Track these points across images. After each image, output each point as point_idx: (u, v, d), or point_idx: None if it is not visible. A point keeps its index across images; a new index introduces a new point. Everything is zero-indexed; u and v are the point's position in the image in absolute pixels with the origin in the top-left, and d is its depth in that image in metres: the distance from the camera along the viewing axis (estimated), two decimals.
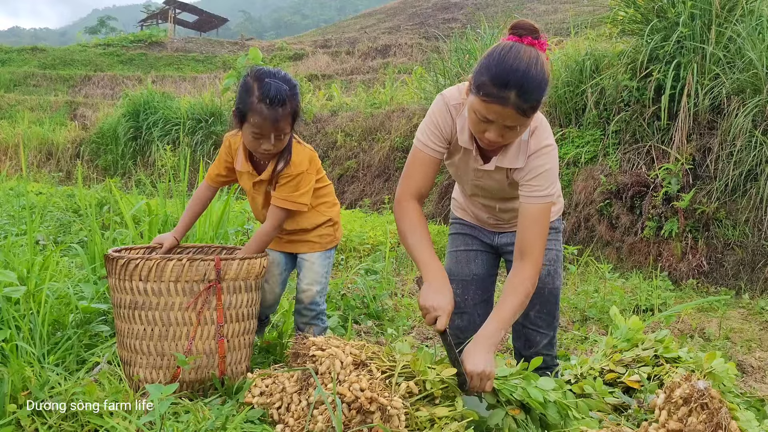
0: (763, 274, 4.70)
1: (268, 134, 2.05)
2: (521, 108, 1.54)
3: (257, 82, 2.04)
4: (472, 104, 1.62)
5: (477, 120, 1.63)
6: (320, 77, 18.42)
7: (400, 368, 1.68)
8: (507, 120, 1.57)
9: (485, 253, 2.10)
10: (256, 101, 2.01)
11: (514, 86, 1.52)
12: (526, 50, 1.56)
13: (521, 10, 24.82)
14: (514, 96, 1.53)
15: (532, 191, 1.76)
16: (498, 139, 1.62)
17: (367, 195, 9.02)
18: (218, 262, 1.94)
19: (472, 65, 7.45)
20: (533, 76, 1.53)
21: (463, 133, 1.78)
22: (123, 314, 1.95)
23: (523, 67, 1.52)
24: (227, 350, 1.99)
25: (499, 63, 1.55)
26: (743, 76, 5.13)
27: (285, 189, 2.19)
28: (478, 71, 1.59)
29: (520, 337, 2.08)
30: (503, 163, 1.79)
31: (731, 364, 2.22)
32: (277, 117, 2.02)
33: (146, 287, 1.90)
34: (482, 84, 1.56)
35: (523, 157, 1.77)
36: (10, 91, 20.77)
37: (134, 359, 1.94)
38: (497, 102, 1.54)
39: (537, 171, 1.75)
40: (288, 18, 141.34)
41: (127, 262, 1.90)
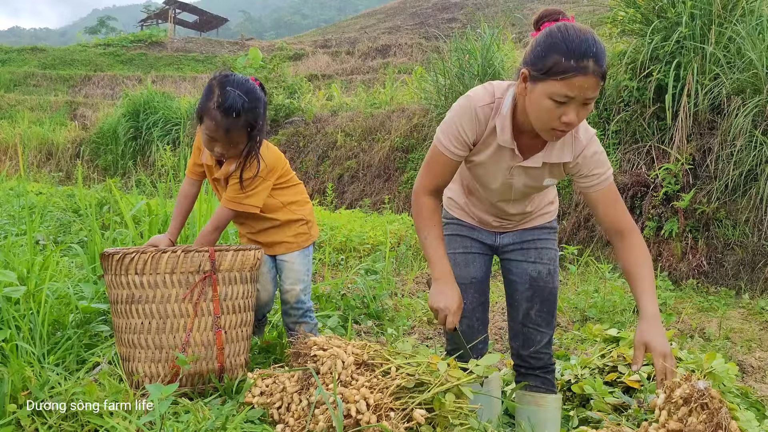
0: (763, 274, 4.70)
1: (219, 140, 2.09)
2: (600, 73, 1.56)
3: (219, 88, 2.07)
4: (545, 91, 1.58)
5: (552, 106, 1.59)
6: (320, 77, 18.41)
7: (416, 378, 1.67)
8: (588, 91, 1.56)
9: (483, 256, 2.10)
10: (212, 106, 2.05)
11: (590, 54, 1.53)
12: (575, 24, 1.59)
13: (521, 10, 24.82)
14: (592, 63, 1.53)
15: (600, 176, 1.78)
16: (576, 119, 1.60)
17: (367, 195, 9.02)
18: (212, 252, 1.96)
19: (472, 65, 7.46)
20: (598, 41, 1.56)
21: (503, 132, 1.75)
22: (120, 310, 1.96)
23: (589, 35, 1.56)
24: (225, 342, 1.99)
25: (566, 39, 1.55)
26: (743, 76, 5.13)
27: (232, 190, 2.23)
28: (539, 57, 1.58)
29: (518, 336, 2.07)
30: (551, 159, 1.78)
31: (731, 364, 2.22)
32: (229, 127, 2.05)
33: (142, 280, 1.91)
34: (555, 64, 1.55)
35: (570, 150, 1.77)
36: (10, 91, 20.77)
37: (133, 354, 1.95)
38: (579, 73, 1.53)
39: (595, 158, 1.77)
40: (288, 18, 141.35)
41: (123, 256, 1.91)
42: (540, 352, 2.03)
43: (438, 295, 1.78)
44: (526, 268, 2.04)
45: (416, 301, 3.89)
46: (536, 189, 1.93)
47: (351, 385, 1.62)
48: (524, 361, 2.06)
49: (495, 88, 1.79)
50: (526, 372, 2.07)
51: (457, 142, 1.79)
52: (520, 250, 2.06)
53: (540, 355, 2.03)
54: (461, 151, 1.81)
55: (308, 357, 1.77)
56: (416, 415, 1.54)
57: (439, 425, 1.59)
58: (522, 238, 2.06)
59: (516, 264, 2.06)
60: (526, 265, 2.04)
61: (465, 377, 1.64)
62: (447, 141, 1.80)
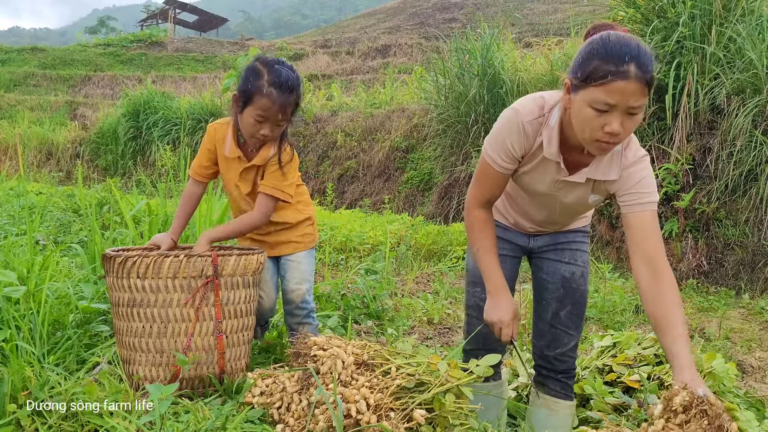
0: (763, 274, 4.70)
1: (272, 119, 2.08)
2: (644, 79, 1.48)
3: (267, 66, 2.07)
4: (586, 98, 1.53)
5: (594, 115, 1.53)
6: (320, 77, 18.42)
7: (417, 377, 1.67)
8: (631, 98, 1.49)
9: (514, 258, 2.06)
10: (266, 84, 2.04)
11: (631, 58, 1.47)
12: (622, 33, 1.55)
13: (521, 10, 24.83)
14: (634, 68, 1.47)
15: (641, 198, 1.69)
16: (620, 129, 1.52)
17: (367, 195, 9.02)
18: (215, 257, 1.95)
19: (472, 65, 7.46)
20: (644, 46, 1.50)
21: (550, 145, 1.70)
22: (121, 312, 1.95)
23: (632, 41, 1.50)
24: (226, 346, 1.99)
25: (606, 45, 1.51)
26: (743, 76, 5.13)
27: (273, 177, 2.21)
28: (581, 64, 1.54)
29: (545, 335, 2.01)
30: (596, 175, 1.71)
31: (731, 364, 2.22)
32: (285, 102, 2.06)
33: (144, 284, 1.90)
34: (594, 69, 1.50)
35: (617, 168, 1.70)
36: (10, 91, 20.77)
37: (133, 357, 1.94)
38: (619, 78, 1.47)
39: (641, 177, 1.69)
40: (288, 18, 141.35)
41: (125, 259, 1.90)
42: (566, 354, 1.98)
43: (492, 309, 1.80)
44: (559, 268, 2.00)
45: (416, 301, 3.89)
46: (582, 206, 1.88)
47: (351, 385, 1.62)
48: (548, 362, 2.00)
49: (545, 100, 1.74)
50: (547, 374, 2.02)
51: (504, 155, 1.75)
52: (554, 250, 2.02)
53: (565, 358, 1.98)
54: (509, 164, 1.77)
55: (308, 357, 1.77)
56: (416, 415, 1.54)
57: (439, 425, 1.59)
58: (556, 240, 2.02)
59: (549, 263, 2.02)
60: (559, 265, 2.00)
61: (465, 377, 1.64)
62: (495, 155, 1.76)
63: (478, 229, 1.84)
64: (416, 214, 7.55)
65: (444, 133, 7.85)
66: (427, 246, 5.62)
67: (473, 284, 2.02)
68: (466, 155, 7.30)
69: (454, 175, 7.43)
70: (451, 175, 7.50)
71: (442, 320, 3.64)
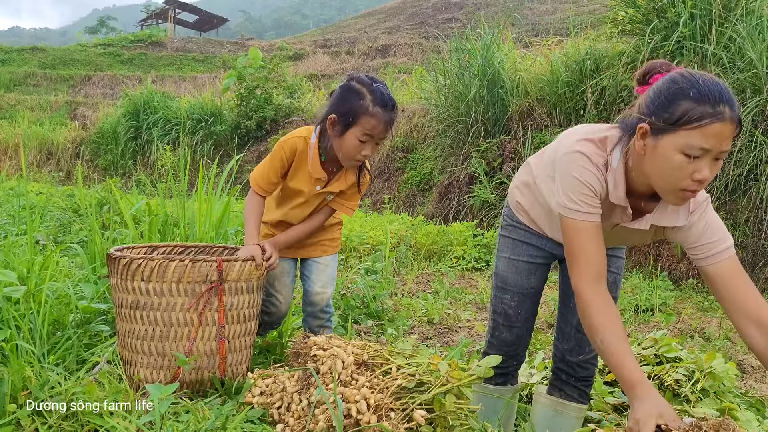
0: (763, 274, 4.70)
1: (377, 137, 2.09)
2: (737, 120, 1.38)
3: (366, 86, 2.07)
4: (675, 144, 1.39)
5: (685, 162, 1.39)
6: (320, 77, 18.41)
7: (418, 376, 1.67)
8: (725, 141, 1.38)
9: (545, 266, 1.97)
10: (371, 105, 2.04)
11: (723, 99, 1.37)
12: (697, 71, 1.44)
13: (521, 10, 24.83)
14: (728, 109, 1.36)
15: (716, 247, 1.56)
16: (708, 176, 1.39)
17: (367, 195, 9.02)
18: (220, 263, 1.94)
19: (472, 65, 7.45)
20: (726, 87, 1.41)
21: (617, 189, 1.55)
22: (124, 314, 1.95)
23: (718, 81, 1.40)
24: (228, 351, 1.99)
25: (695, 83, 1.39)
26: (743, 76, 5.13)
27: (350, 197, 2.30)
28: (663, 106, 1.42)
29: (569, 340, 1.93)
30: (661, 222, 1.59)
31: (731, 364, 2.22)
32: (391, 119, 2.08)
33: (148, 287, 1.90)
34: (685, 112, 1.38)
35: (684, 214, 1.57)
36: (10, 91, 20.79)
37: (135, 359, 1.95)
38: (716, 120, 1.35)
39: (714, 224, 1.58)
40: (288, 18, 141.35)
41: (130, 261, 1.90)
42: (588, 362, 1.93)
43: (650, 411, 1.32)
44: None
45: (416, 301, 3.89)
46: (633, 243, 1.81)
47: (351, 385, 1.62)
48: (569, 367, 1.93)
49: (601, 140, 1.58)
50: (566, 379, 1.95)
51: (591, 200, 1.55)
52: None
53: (587, 365, 1.92)
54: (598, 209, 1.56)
55: (308, 357, 1.77)
56: (416, 415, 1.54)
57: (440, 426, 1.59)
58: None
59: None
60: None
61: (466, 378, 1.64)
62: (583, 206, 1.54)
63: (604, 318, 1.48)
64: (416, 214, 7.55)
65: (444, 133, 7.85)
66: (427, 246, 5.62)
67: (502, 290, 1.95)
68: (466, 155, 7.30)
69: (454, 175, 7.43)
70: (451, 175, 7.50)
71: (442, 320, 3.64)
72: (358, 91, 2.07)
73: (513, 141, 6.93)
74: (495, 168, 6.87)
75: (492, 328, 2.01)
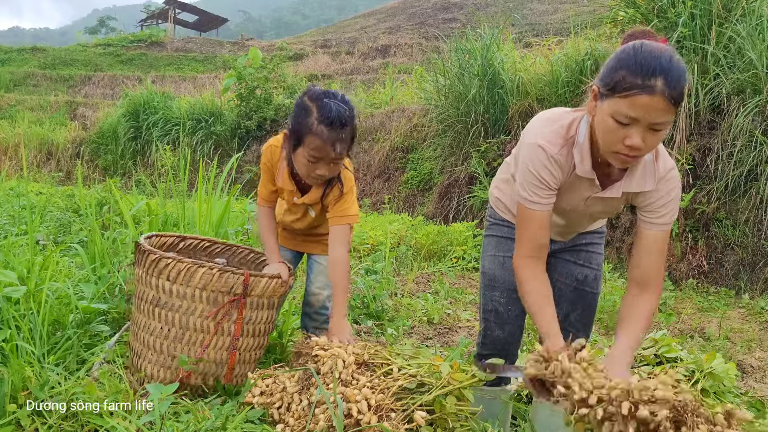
0: (763, 274, 4.70)
1: (326, 158, 1.95)
2: (671, 96, 1.40)
3: (315, 101, 1.93)
4: (608, 109, 1.47)
5: (615, 127, 1.47)
6: (320, 77, 18.41)
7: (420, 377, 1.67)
8: (654, 114, 1.42)
9: None
10: (315, 123, 1.90)
11: (660, 71, 1.40)
12: (657, 44, 1.47)
13: (521, 10, 24.82)
14: (661, 83, 1.40)
15: (658, 218, 1.66)
16: (641, 144, 1.46)
17: (367, 195, 9.02)
18: (247, 277, 1.93)
19: (472, 65, 7.45)
20: (675, 61, 1.42)
21: (583, 163, 1.63)
22: (143, 307, 1.96)
23: (664, 54, 1.43)
24: (237, 362, 1.99)
25: (637, 54, 1.44)
26: (743, 76, 5.13)
27: (337, 207, 2.12)
28: (609, 73, 1.48)
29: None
30: (630, 188, 1.65)
31: (731, 364, 2.22)
32: (337, 139, 1.92)
33: (172, 288, 1.90)
34: (620, 81, 1.44)
35: (652, 179, 1.64)
36: (10, 91, 20.78)
37: (144, 353, 1.95)
38: (644, 92, 1.40)
39: (668, 197, 1.65)
40: (288, 18, 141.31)
41: (159, 258, 1.90)
42: None
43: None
44: (573, 270, 1.98)
45: (416, 302, 3.89)
46: (610, 214, 1.84)
47: (352, 384, 1.62)
48: None
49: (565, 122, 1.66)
50: None
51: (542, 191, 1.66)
52: (570, 251, 1.99)
53: None
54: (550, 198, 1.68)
55: (309, 357, 1.77)
56: (417, 416, 1.54)
57: (440, 427, 1.59)
58: (573, 242, 1.99)
59: (563, 264, 1.99)
60: (573, 267, 1.98)
61: (467, 380, 1.64)
62: (534, 196, 1.66)
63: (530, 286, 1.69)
64: (416, 214, 7.55)
65: (444, 133, 7.85)
66: (427, 246, 5.62)
67: (491, 288, 1.98)
68: (466, 155, 7.30)
69: (454, 175, 7.42)
70: (451, 175, 7.50)
71: (442, 320, 3.64)
72: (306, 107, 1.93)
73: (513, 141, 6.93)
74: (495, 168, 6.88)
75: (484, 328, 2.02)
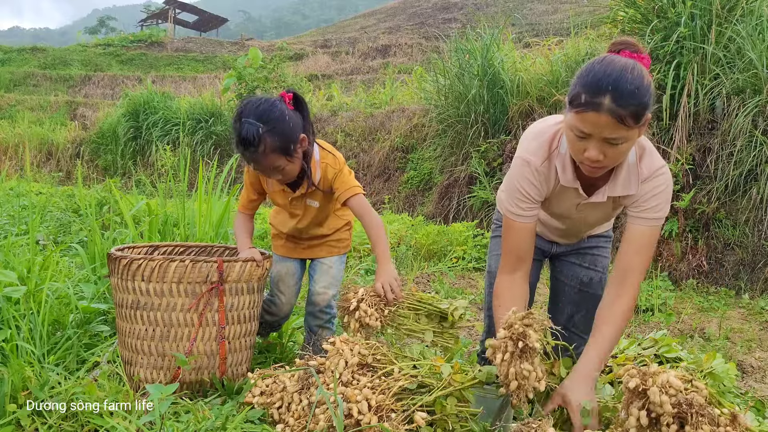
0: (763, 274, 4.70)
1: (265, 171, 2.05)
2: (617, 114, 1.42)
3: (236, 122, 1.99)
4: (568, 122, 1.53)
5: (574, 139, 1.52)
6: (320, 77, 18.41)
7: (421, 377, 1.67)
8: (604, 130, 1.45)
9: (536, 262, 2.01)
10: (236, 146, 2.00)
11: (606, 90, 1.42)
12: (620, 59, 1.48)
13: (521, 10, 24.82)
14: (608, 101, 1.42)
15: (643, 211, 1.67)
16: (599, 156, 1.49)
17: (367, 195, 9.02)
18: (221, 264, 1.94)
19: (472, 65, 7.46)
20: (627, 79, 1.43)
21: (565, 172, 1.67)
22: (125, 314, 1.95)
23: (616, 72, 1.44)
24: (228, 352, 1.99)
25: (591, 71, 1.47)
26: (743, 76, 5.13)
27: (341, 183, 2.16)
28: (571, 87, 1.52)
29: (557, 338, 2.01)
30: (615, 192, 1.68)
31: (731, 365, 2.22)
32: (251, 159, 1.99)
33: (149, 287, 1.90)
34: (575, 96, 1.48)
35: (635, 182, 1.66)
36: (10, 91, 20.78)
37: (135, 359, 1.94)
38: (591, 109, 1.44)
39: (653, 192, 1.66)
40: (288, 18, 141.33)
41: (130, 262, 1.90)
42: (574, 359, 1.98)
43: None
44: (578, 272, 1.98)
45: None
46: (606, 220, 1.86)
47: (352, 384, 1.62)
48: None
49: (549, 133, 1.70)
50: None
51: (525, 204, 1.71)
52: (576, 254, 2.00)
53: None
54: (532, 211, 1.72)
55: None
56: (417, 417, 1.54)
57: (440, 428, 1.59)
58: (579, 244, 2.00)
59: (569, 266, 2.00)
60: (579, 269, 1.98)
61: (469, 381, 1.64)
62: (514, 206, 1.70)
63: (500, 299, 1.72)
64: (416, 214, 7.55)
65: (444, 133, 7.85)
66: (427, 246, 5.62)
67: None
68: (466, 155, 7.30)
69: (454, 175, 7.42)
70: (451, 175, 7.50)
71: None
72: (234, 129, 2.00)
73: (513, 141, 6.92)
74: (495, 168, 6.88)
75: (487, 326, 2.03)
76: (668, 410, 1.27)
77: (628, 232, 1.69)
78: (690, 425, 1.27)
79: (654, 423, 1.32)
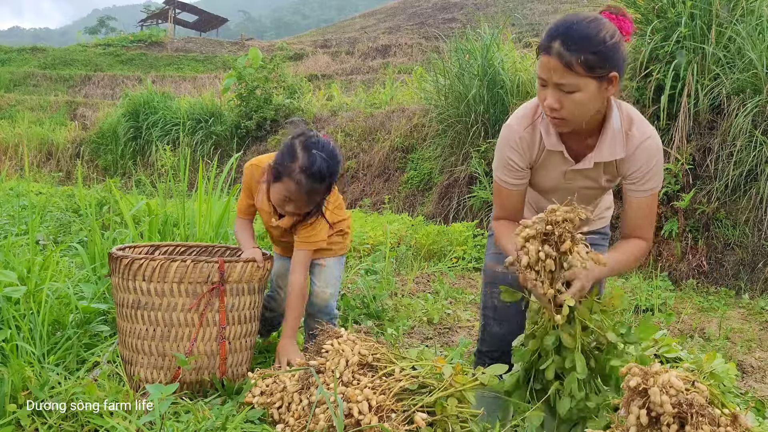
0: (763, 274, 4.70)
1: (296, 201, 2.08)
2: (564, 58, 1.48)
3: (303, 150, 2.03)
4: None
5: (539, 88, 1.59)
6: (320, 77, 18.41)
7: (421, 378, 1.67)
8: (554, 75, 1.51)
9: None
10: (297, 170, 2.01)
11: (557, 35, 1.49)
12: (588, 14, 1.56)
13: (521, 10, 24.82)
14: (557, 44, 1.49)
15: (642, 184, 1.71)
16: (555, 104, 1.54)
17: (367, 195, 9.02)
18: (222, 264, 1.94)
19: (472, 65, 7.45)
20: (581, 27, 1.49)
21: (549, 135, 1.71)
22: (125, 313, 1.95)
23: (573, 20, 1.51)
24: (228, 352, 1.99)
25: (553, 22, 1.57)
26: (743, 76, 5.13)
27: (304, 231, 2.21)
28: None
29: None
30: (601, 158, 1.71)
31: (731, 365, 2.22)
32: (312, 191, 2.05)
33: (149, 287, 1.90)
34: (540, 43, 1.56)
35: (621, 146, 1.69)
36: (10, 91, 20.78)
37: (135, 359, 1.95)
38: (543, 52, 1.52)
39: (648, 166, 1.69)
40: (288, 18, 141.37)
41: (131, 261, 1.90)
42: None
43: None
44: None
45: (416, 302, 3.89)
46: (598, 190, 1.88)
47: (353, 384, 1.62)
48: None
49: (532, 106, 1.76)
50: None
51: (511, 172, 1.78)
52: None
53: None
54: (518, 179, 1.79)
55: (321, 345, 1.78)
56: (417, 418, 1.54)
57: (440, 429, 1.59)
58: None
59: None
60: None
61: (469, 382, 1.64)
62: (501, 174, 1.80)
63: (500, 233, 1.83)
64: (416, 214, 7.55)
65: (444, 133, 7.85)
66: (427, 246, 5.62)
67: (491, 284, 2.00)
68: (466, 155, 7.30)
69: (454, 175, 7.42)
70: (451, 175, 7.50)
71: (442, 320, 3.64)
72: (294, 152, 2.04)
73: None
74: None
75: (483, 324, 2.04)
76: (668, 410, 1.28)
77: (628, 204, 1.75)
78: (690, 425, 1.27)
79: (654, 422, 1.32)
